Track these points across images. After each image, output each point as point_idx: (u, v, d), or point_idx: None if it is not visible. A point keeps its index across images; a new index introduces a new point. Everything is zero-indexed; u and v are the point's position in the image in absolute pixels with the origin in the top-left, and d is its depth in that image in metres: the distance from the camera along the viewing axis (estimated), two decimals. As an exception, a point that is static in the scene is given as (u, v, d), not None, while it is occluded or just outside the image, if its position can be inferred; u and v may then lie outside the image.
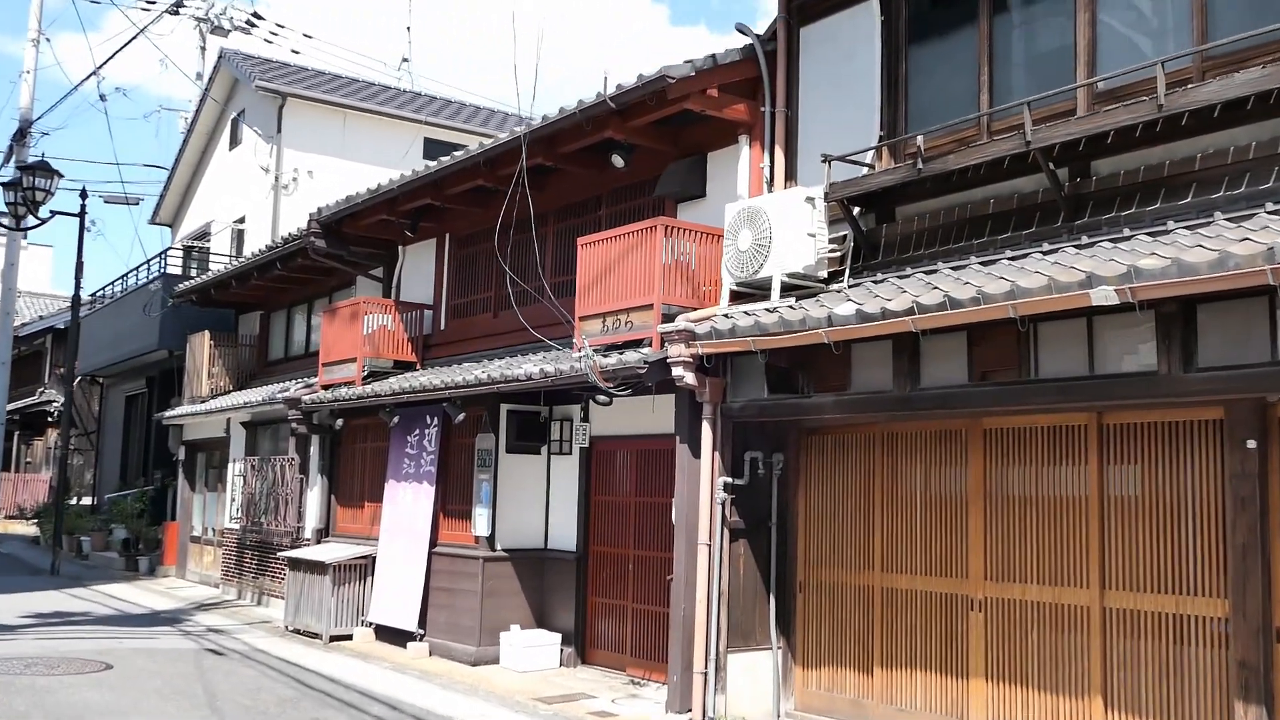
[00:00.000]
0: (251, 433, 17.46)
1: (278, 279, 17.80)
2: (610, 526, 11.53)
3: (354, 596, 13.35)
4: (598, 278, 10.24)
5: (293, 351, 18.91)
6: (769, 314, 8.71)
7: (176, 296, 20.32)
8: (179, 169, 28.02)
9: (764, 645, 9.57)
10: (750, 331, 8.59)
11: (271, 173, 22.99)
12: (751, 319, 8.72)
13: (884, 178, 8.71)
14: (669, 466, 10.76)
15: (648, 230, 9.72)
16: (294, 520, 15.20)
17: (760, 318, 8.63)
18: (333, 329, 14.61)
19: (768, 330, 8.43)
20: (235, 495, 17.24)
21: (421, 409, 13.04)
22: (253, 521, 16.54)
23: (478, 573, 11.78)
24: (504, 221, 13.49)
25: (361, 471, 14.61)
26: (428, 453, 12.89)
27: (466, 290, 14.24)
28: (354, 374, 14.04)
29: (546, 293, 11.90)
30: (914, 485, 8.82)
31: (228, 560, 17.73)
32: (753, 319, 8.70)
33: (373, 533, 13.97)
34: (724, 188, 10.55)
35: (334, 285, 17.46)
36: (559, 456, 12.12)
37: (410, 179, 13.03)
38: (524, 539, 12.09)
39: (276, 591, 15.91)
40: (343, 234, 15.11)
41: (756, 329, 8.54)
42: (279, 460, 15.83)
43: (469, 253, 14.26)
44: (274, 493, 15.86)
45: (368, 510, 14.31)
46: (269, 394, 15.95)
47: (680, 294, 9.69)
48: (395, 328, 14.28)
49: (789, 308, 8.73)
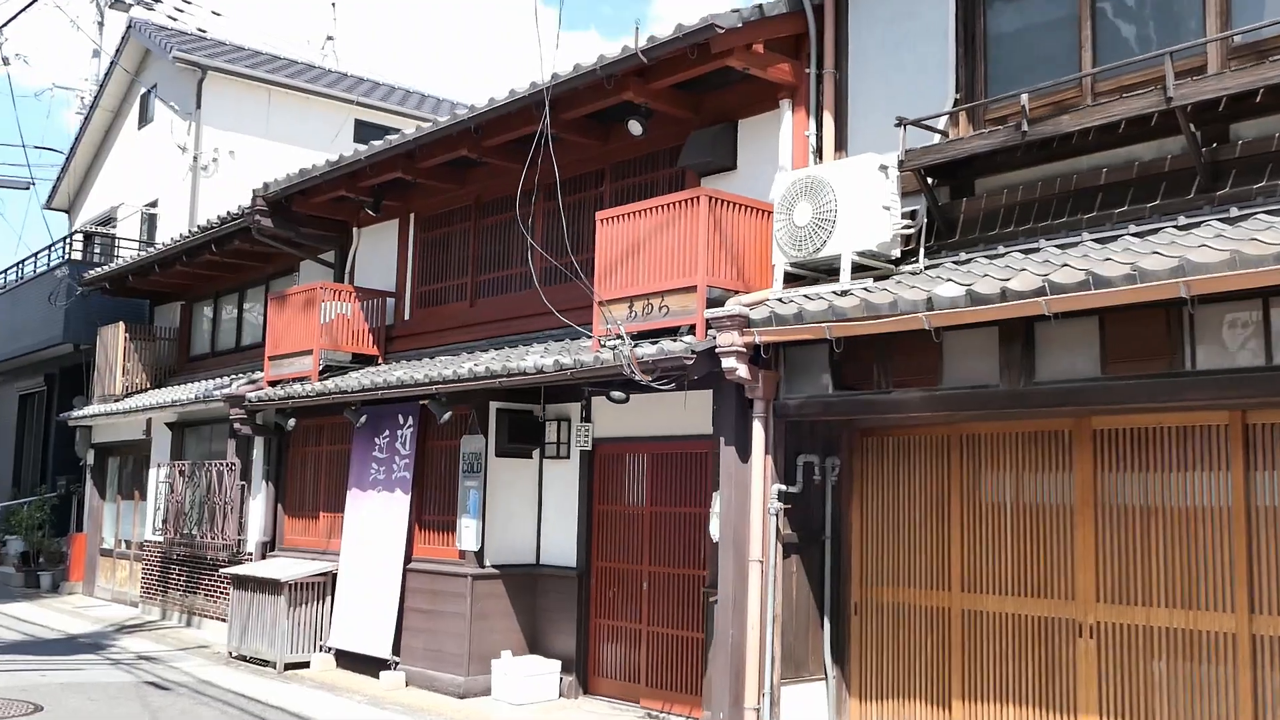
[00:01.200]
0: (178, 435, 15.73)
1: (206, 265, 16.13)
2: (618, 540, 10.29)
3: (311, 619, 11.84)
4: (622, 257, 9.00)
5: (221, 346, 17.20)
6: (842, 297, 7.61)
7: (86, 284, 18.39)
8: (79, 149, 25.82)
9: (817, 675, 8.46)
10: (822, 317, 7.47)
11: (190, 152, 21.11)
12: (823, 302, 7.60)
13: (974, 143, 7.66)
14: (694, 472, 9.61)
15: (687, 202, 8.52)
16: (234, 532, 13.59)
17: (835, 301, 7.50)
18: (282, 319, 13.07)
19: (846, 315, 7.33)
20: (159, 504, 15.50)
21: (393, 408, 11.63)
22: (181, 534, 14.84)
23: (465, 592, 10.43)
24: (487, 197, 12.19)
25: (316, 478, 13.09)
26: (401, 457, 11.47)
27: (435, 276, 12.84)
28: (308, 368, 12.54)
29: (566, 274, 10.60)
30: (1003, 493, 7.79)
31: (149, 576, 15.96)
32: (824, 302, 7.58)
33: (330, 546, 12.48)
34: (759, 158, 9.41)
35: (272, 272, 15.86)
36: (554, 461, 10.83)
37: (380, 149, 11.61)
38: (514, 554, 10.78)
39: (211, 612, 14.27)
40: (291, 213, 13.57)
41: (831, 314, 7.42)
42: (215, 465, 14.19)
43: (438, 235, 12.87)
44: (209, 502, 14.21)
45: (324, 521, 12.80)
46: (201, 391, 14.30)
47: (726, 275, 8.51)
48: (355, 317, 12.82)
49: (864, 290, 7.63)
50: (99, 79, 31.81)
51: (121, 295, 18.92)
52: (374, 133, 23.56)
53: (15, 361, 22.17)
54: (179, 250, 15.50)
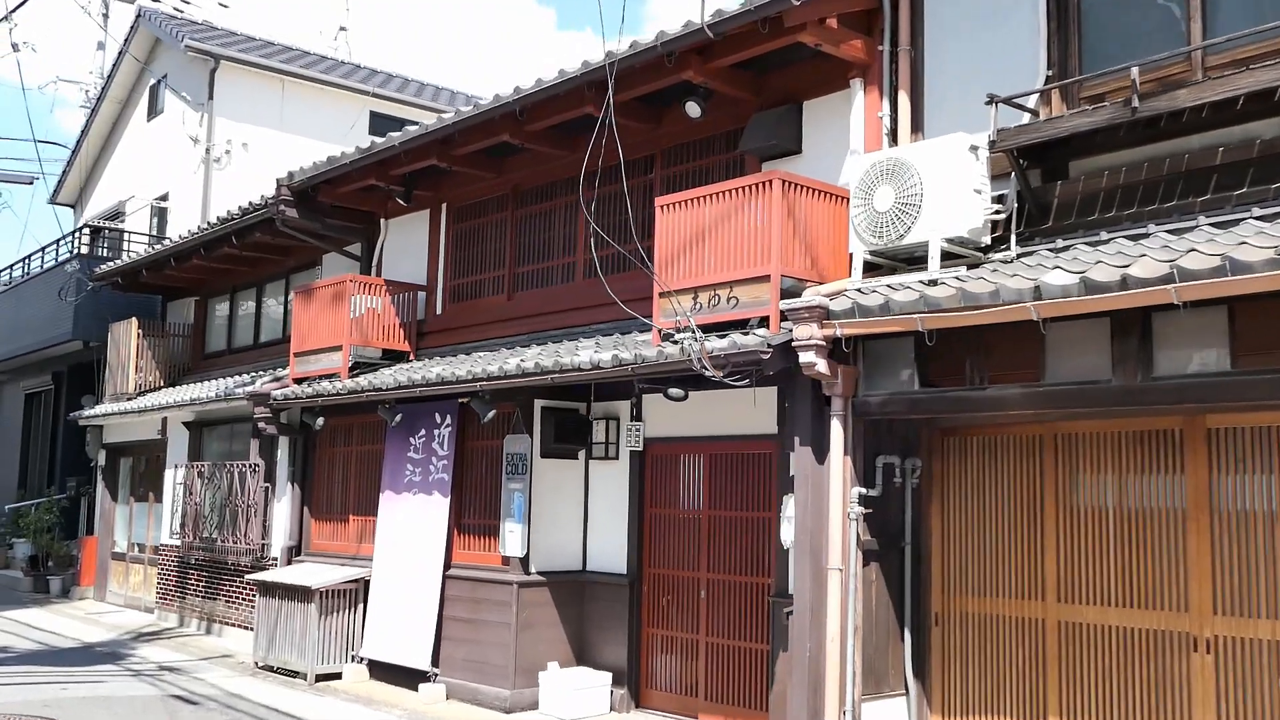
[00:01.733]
0: (196, 434, 15.20)
1: (224, 258, 15.61)
2: (672, 545, 9.78)
3: (343, 628, 11.33)
4: (685, 246, 8.50)
5: (238, 342, 16.68)
6: (933, 286, 7.11)
7: (97, 279, 17.86)
8: (86, 142, 25.29)
9: (898, 691, 7.95)
10: (913, 307, 6.96)
11: (202, 144, 20.60)
12: (912, 292, 7.09)
13: (1075, 121, 7.15)
14: (756, 473, 9.13)
15: (759, 186, 8.01)
16: (258, 537, 13.07)
17: (927, 291, 6.99)
18: (309, 313, 12.55)
19: (941, 306, 6.81)
20: (176, 507, 14.97)
21: (430, 406, 11.12)
22: (200, 537, 14.32)
23: (510, 601, 9.91)
24: (525, 186, 11.69)
25: (345, 479, 12.58)
26: (438, 458, 10.95)
27: (470, 269, 12.33)
28: (337, 365, 12.03)
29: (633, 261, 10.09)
30: (1104, 497, 7.28)
31: (165, 582, 15.44)
32: (913, 293, 7.07)
33: (361, 551, 11.96)
34: (826, 142, 8.92)
35: (293, 265, 15.34)
36: (601, 462, 10.33)
37: (414, 134, 11.10)
38: (560, 560, 10.27)
39: (232, 619, 13.75)
40: (316, 203, 13.04)
41: (923, 304, 6.91)
42: (237, 466, 13.67)
43: (472, 226, 12.36)
44: (230, 504, 13.70)
45: (354, 525, 12.28)
46: (222, 389, 13.78)
47: (799, 264, 8.01)
48: (385, 312, 12.30)
49: (956, 279, 7.13)
50: (103, 72, 31.31)
51: (133, 291, 18.40)
52: (389, 124, 23.08)
53: (22, 359, 21.64)
54: (197, 243, 14.98)
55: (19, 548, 20.57)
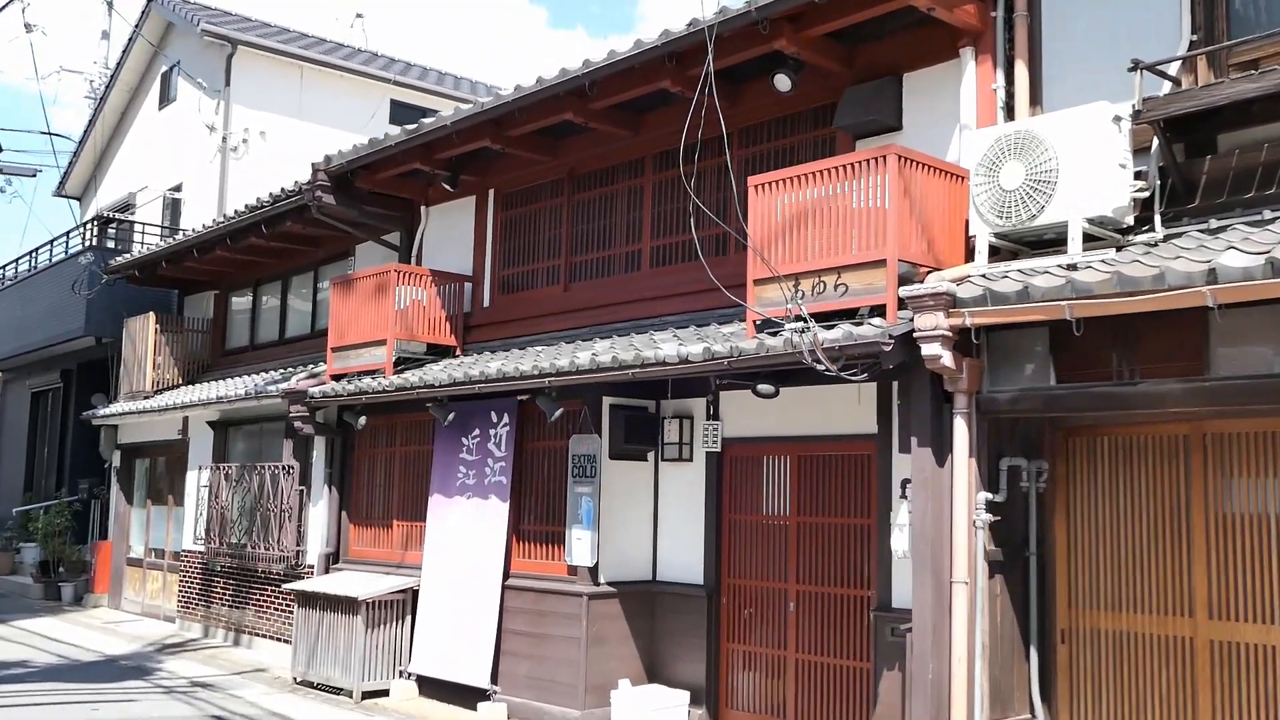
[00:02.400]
0: (221, 435, 14.50)
1: (249, 249, 14.93)
2: (755, 554, 9.12)
3: (390, 641, 10.65)
4: (783, 229, 7.83)
5: (261, 338, 15.98)
6: (1077, 271, 6.45)
7: (112, 271, 17.16)
8: (93, 132, 24.58)
9: (1023, 714, 7.30)
10: (1058, 294, 6.31)
11: (218, 132, 19.90)
12: (1054, 278, 6.44)
13: (1237, 88, 6.49)
14: (853, 476, 8.49)
15: (871, 163, 7.35)
16: (292, 543, 12.38)
17: (1075, 276, 6.33)
18: (348, 306, 11.86)
19: (1092, 292, 6.16)
20: (201, 511, 14.27)
21: (485, 404, 10.44)
22: (227, 543, 13.63)
23: (580, 613, 9.24)
24: (583, 169, 11.02)
25: (387, 482, 11.90)
26: (495, 459, 10.28)
27: (520, 259, 11.65)
28: (380, 360, 11.35)
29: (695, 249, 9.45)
30: (1266, 503, 6.62)
31: (188, 590, 14.74)
32: (1057, 278, 6.42)
33: (407, 559, 11.29)
34: (931, 116, 8.27)
35: (323, 257, 14.66)
36: (673, 464, 9.66)
37: (466, 113, 10.44)
38: (629, 569, 9.61)
39: (262, 630, 13.07)
40: (354, 189, 12.36)
41: (1070, 290, 6.25)
42: (268, 469, 12.99)
43: (523, 213, 11.69)
44: (261, 509, 13.01)
45: (398, 531, 11.60)
46: (252, 386, 13.09)
47: (916, 248, 7.35)
48: (430, 304, 11.63)
49: (1103, 263, 6.48)
50: (108, 63, 30.59)
51: (149, 284, 17.71)
52: (410, 114, 22.35)
53: (29, 356, 20.91)
54: (223, 232, 14.28)
55: (27, 552, 19.86)
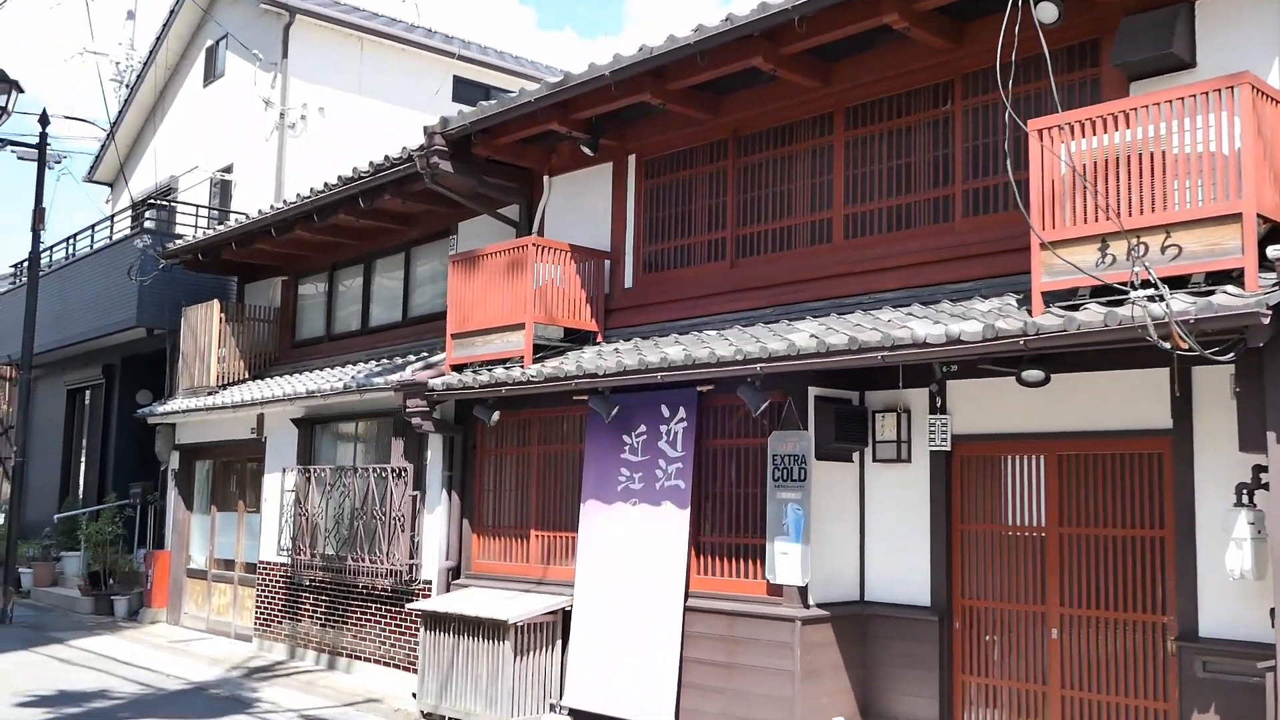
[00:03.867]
0: (306, 433, 13.16)
1: (329, 230, 13.61)
2: (997, 571, 7.83)
3: (540, 671, 9.35)
4: (1072, 183, 6.52)
5: (340, 328, 14.66)
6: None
7: (169, 256, 15.83)
8: (128, 114, 23.25)
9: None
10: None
11: (275, 107, 18.59)
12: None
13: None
14: (1138, 480, 7.18)
15: (1205, 98, 6.07)
16: (405, 555, 11.05)
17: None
18: (472, 287, 10.55)
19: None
20: (286, 518, 12.93)
21: (654, 397, 9.14)
22: (320, 555, 12.30)
23: (790, 641, 7.94)
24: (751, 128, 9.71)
25: (520, 486, 10.58)
26: (669, 460, 8.97)
27: (669, 233, 10.35)
28: (515, 347, 10.05)
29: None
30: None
31: (267, 606, 13.41)
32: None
33: (549, 575, 9.99)
34: (1232, 50, 6.96)
35: (415, 237, 13.34)
36: (887, 465, 8.36)
37: (627, 61, 9.10)
38: (836, 589, 8.32)
39: (364, 652, 11.74)
40: (471, 156, 11.04)
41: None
42: (373, 472, 11.65)
43: (672, 181, 10.39)
44: (364, 516, 11.69)
45: (536, 542, 10.27)
46: (353, 378, 11.76)
47: (1272, 200, 6.05)
48: (569, 284, 10.31)
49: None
50: (133, 43, 29.31)
51: (209, 270, 16.39)
52: (475, 92, 21.13)
53: (66, 350, 19.54)
54: (308, 209, 12.94)
55: (68, 562, 18.54)
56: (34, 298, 16.17)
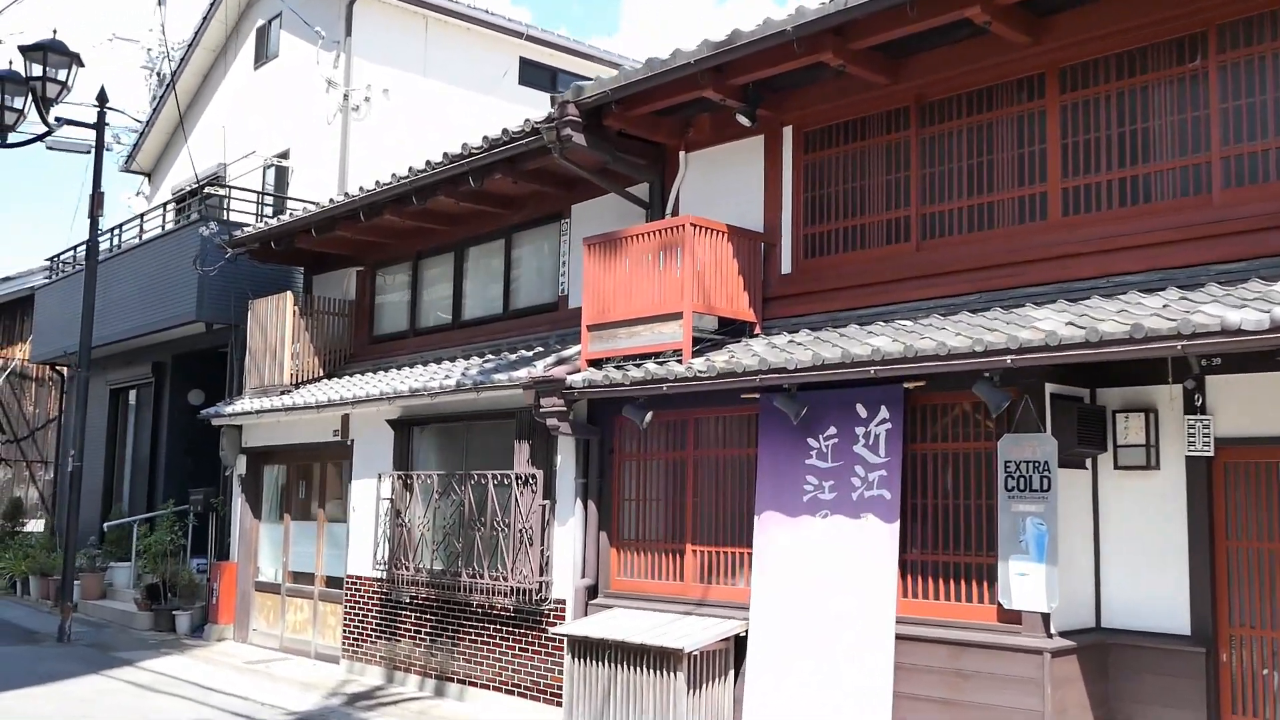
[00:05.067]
0: (403, 436, 12.14)
1: (418, 215, 12.60)
2: (1276, 594, 6.79)
3: (713, 706, 8.32)
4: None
5: (425, 322, 13.65)
6: None
7: (237, 244, 14.83)
8: (167, 101, 22.23)
9: None
10: None
11: (339, 89, 17.59)
12: None
13: None
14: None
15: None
16: (533, 571, 10.03)
17: None
18: (613, 273, 9.56)
19: None
20: (381, 528, 11.91)
21: (847, 395, 8.15)
22: (425, 569, 11.29)
23: (1037, 677, 6.95)
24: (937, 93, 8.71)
25: (672, 495, 9.57)
26: (869, 466, 7.96)
27: (835, 212, 9.37)
28: (667, 339, 9.08)
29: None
30: None
31: (359, 624, 12.39)
32: None
33: (709, 595, 9.00)
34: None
35: (518, 221, 12.34)
36: (1130, 473, 7.40)
37: (810, 16, 8.08)
38: (1072, 615, 7.36)
39: (478, 678, 10.73)
40: (603, 129, 10.05)
41: None
42: (493, 479, 10.63)
43: (839, 154, 9.42)
44: (481, 527, 10.67)
45: (693, 559, 9.26)
46: (469, 375, 10.75)
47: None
48: (724, 268, 9.31)
49: None
50: (164, 28, 28.35)
51: (275, 261, 15.43)
52: (541, 75, 20.19)
53: (111, 348, 18.49)
54: (405, 189, 11.89)
55: (118, 573, 17.52)
56: (92, 290, 15.14)
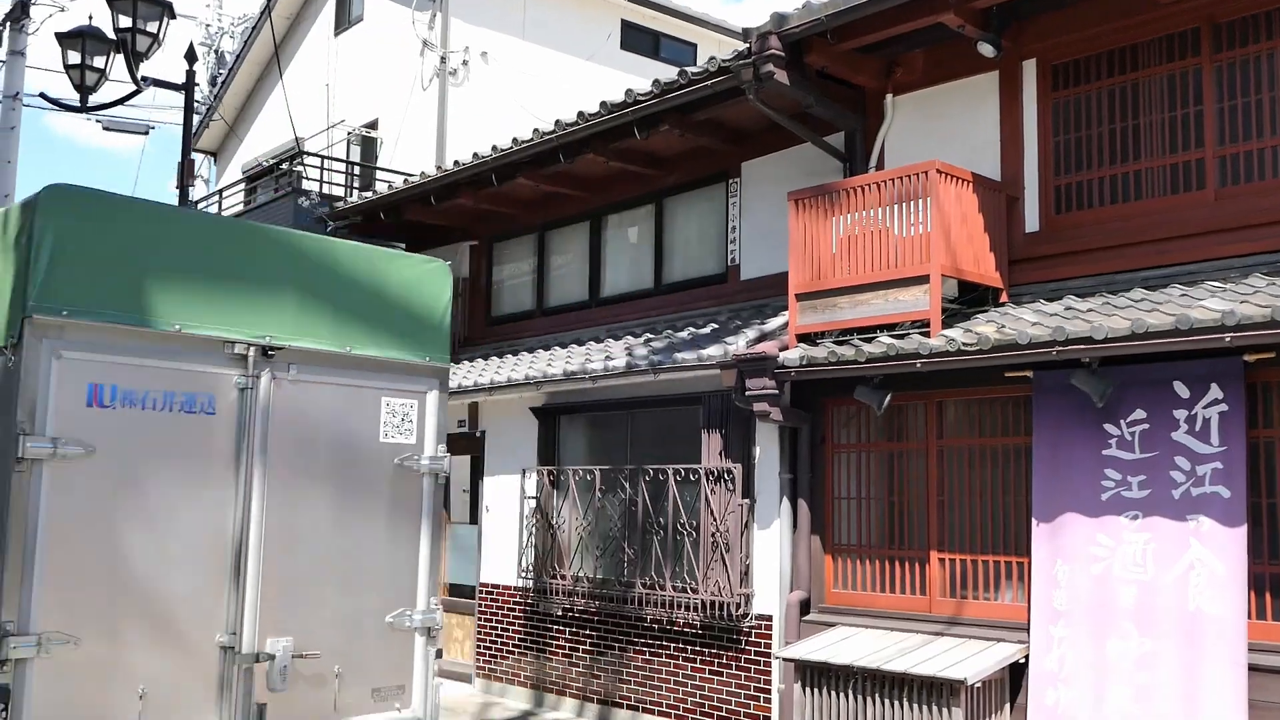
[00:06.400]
0: (550, 427, 10.78)
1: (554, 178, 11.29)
2: None
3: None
4: None
5: (555, 300, 12.32)
6: None
7: (339, 217, 13.54)
8: (238, 73, 20.98)
9: None
10: None
11: (436, 51, 16.25)
12: None
13: None
14: None
15: None
16: (731, 582, 8.65)
17: None
18: (829, 231, 8.18)
19: None
20: (529, 532, 10.56)
21: (1165, 371, 6.72)
22: (583, 578, 9.93)
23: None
24: (1229, 13, 7.26)
25: (905, 492, 8.15)
26: (1197, 457, 6.54)
27: (1096, 159, 7.92)
28: (912, 307, 7.70)
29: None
30: None
31: (495, 639, 11.06)
32: None
33: (964, 612, 7.58)
34: None
35: (672, 184, 10.98)
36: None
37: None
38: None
39: (653, 703, 9.39)
40: (803, 67, 8.66)
41: None
42: (673, 474, 9.24)
43: (1100, 90, 7.97)
44: (658, 530, 9.31)
45: (939, 568, 7.85)
46: (627, 350, 9.40)
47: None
48: (968, 226, 7.89)
49: None
50: (220, 3, 27.29)
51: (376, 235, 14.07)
52: (644, 39, 18.85)
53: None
54: (552, 145, 10.53)
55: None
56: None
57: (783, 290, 9.40)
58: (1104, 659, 6.68)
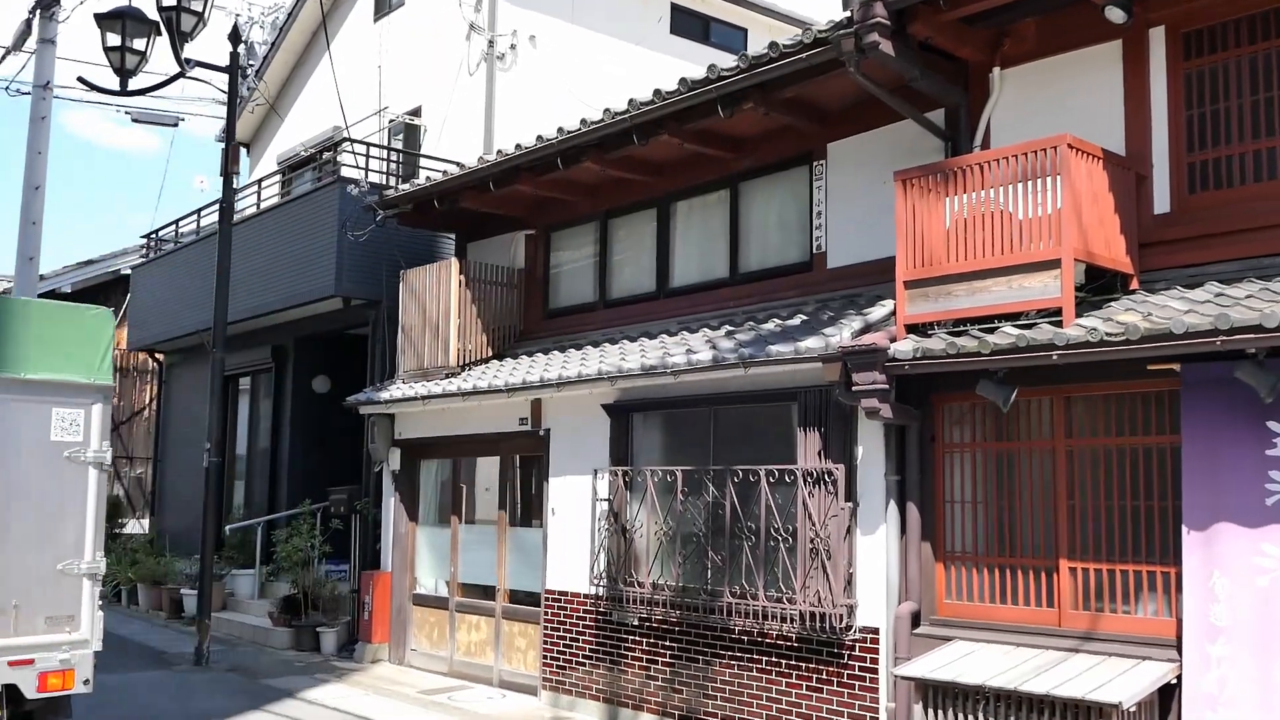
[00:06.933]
0: (622, 425, 10.20)
1: (620, 163, 10.75)
2: None
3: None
4: None
5: (619, 292, 11.77)
6: None
7: (388, 205, 13.01)
8: (272, 62, 20.48)
9: None
10: None
11: (484, 34, 15.71)
12: None
13: None
14: None
15: None
16: (833, 592, 8.06)
17: None
18: (941, 213, 7.59)
19: None
20: (601, 536, 9.99)
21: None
22: (669, 586, 9.36)
23: None
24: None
25: (1030, 496, 7.53)
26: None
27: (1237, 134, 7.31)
28: (1032, 295, 7.15)
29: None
30: None
31: (564, 649, 10.51)
32: None
33: (1100, 627, 6.98)
34: None
35: (747, 168, 10.43)
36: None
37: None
38: None
39: (730, 717, 8.79)
40: (907, 38, 8.08)
41: None
42: (766, 475, 8.64)
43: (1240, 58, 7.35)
44: (748, 535, 8.73)
45: (1069, 578, 7.23)
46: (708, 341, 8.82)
47: None
48: (1100, 207, 7.29)
49: None
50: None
51: (428, 224, 13.69)
52: (694, 23, 18.31)
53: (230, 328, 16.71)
54: (625, 125, 9.97)
55: (240, 582, 15.78)
56: (227, 256, 13.29)
57: (876, 279, 8.86)
58: (1271, 680, 6.08)
